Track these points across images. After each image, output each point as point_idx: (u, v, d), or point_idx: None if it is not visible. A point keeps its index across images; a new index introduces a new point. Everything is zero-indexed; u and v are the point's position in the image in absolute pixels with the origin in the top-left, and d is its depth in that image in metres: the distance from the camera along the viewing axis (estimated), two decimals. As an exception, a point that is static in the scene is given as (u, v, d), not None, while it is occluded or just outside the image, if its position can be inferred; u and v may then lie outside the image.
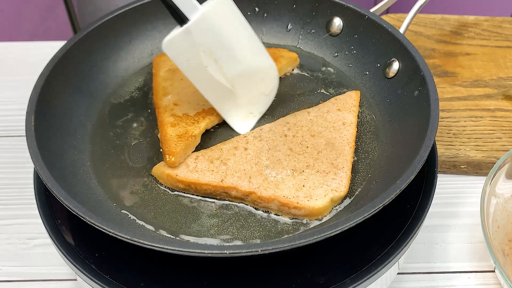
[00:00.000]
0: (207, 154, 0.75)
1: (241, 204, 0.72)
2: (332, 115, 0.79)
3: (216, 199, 0.73)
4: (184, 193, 0.73)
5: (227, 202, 0.72)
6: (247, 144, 0.76)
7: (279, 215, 0.71)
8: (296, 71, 0.88)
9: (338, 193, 0.71)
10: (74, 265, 0.67)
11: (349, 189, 0.73)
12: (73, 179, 0.72)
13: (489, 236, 0.75)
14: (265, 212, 0.71)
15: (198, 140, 0.78)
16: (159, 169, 0.74)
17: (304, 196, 0.70)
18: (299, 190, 0.70)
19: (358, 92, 0.83)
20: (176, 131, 0.77)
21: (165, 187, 0.74)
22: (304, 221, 0.70)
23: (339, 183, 0.71)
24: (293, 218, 0.70)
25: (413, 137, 0.72)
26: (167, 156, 0.74)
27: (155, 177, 0.75)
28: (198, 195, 0.73)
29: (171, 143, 0.75)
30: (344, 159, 0.74)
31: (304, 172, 0.72)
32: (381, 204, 0.62)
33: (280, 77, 0.86)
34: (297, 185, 0.71)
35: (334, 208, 0.71)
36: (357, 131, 0.79)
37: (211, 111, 0.80)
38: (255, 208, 0.72)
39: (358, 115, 0.81)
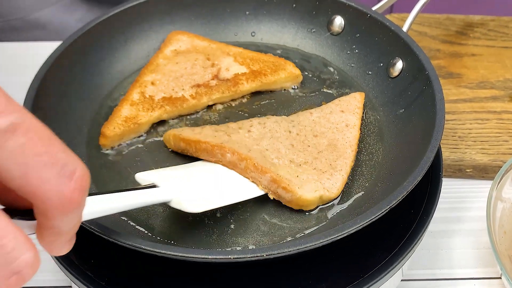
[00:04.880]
0: (213, 127, 0.77)
1: (241, 210, 0.72)
2: (335, 116, 0.80)
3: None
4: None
5: (227, 210, 0.73)
6: (251, 127, 0.77)
7: (281, 221, 0.71)
8: (297, 71, 0.89)
9: (329, 193, 0.72)
10: (69, 272, 0.67)
11: (351, 191, 0.73)
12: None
13: (496, 241, 0.75)
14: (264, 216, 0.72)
15: (144, 129, 0.81)
16: (169, 133, 0.78)
17: (296, 183, 0.71)
18: (292, 177, 0.71)
19: (363, 94, 0.83)
20: (128, 112, 0.81)
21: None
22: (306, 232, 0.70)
23: (333, 185, 0.72)
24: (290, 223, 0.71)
25: (418, 138, 0.72)
26: (101, 134, 0.78)
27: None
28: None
29: (114, 123, 0.79)
30: (344, 162, 0.75)
31: (301, 166, 0.73)
32: (388, 207, 0.62)
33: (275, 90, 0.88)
34: (292, 173, 0.72)
35: (336, 211, 0.72)
36: (360, 132, 0.79)
37: (176, 101, 0.82)
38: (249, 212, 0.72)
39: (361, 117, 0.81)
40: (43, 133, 0.41)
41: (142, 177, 0.68)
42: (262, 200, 0.73)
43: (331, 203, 0.73)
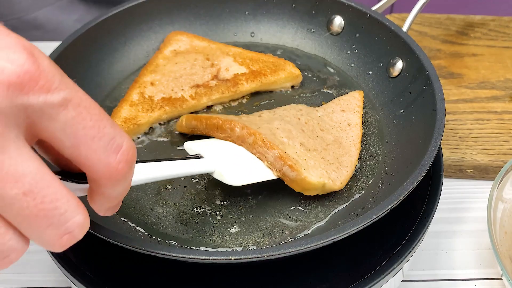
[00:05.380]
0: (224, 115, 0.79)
1: (241, 211, 0.72)
2: (337, 115, 0.80)
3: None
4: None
5: (228, 210, 0.73)
6: (261, 113, 0.78)
7: (281, 222, 0.71)
8: (296, 71, 0.89)
9: (333, 183, 0.72)
10: (68, 272, 0.67)
11: (351, 191, 0.74)
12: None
13: (496, 242, 0.75)
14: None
15: (143, 130, 0.81)
16: (182, 117, 0.80)
17: (302, 164, 0.71)
18: (300, 159, 0.72)
19: (361, 92, 0.83)
20: (127, 112, 0.81)
21: (165, 192, 0.74)
22: (306, 232, 0.71)
23: (338, 177, 0.73)
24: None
25: (419, 138, 0.73)
26: None
27: (153, 183, 0.75)
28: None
29: None
30: (349, 159, 0.75)
31: (310, 151, 0.74)
32: (389, 207, 0.62)
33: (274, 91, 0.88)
34: (300, 155, 0.72)
35: (336, 211, 0.72)
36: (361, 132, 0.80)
37: (175, 101, 0.83)
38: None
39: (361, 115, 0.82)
40: (93, 109, 0.44)
41: (189, 146, 0.73)
42: (262, 201, 0.73)
43: (331, 203, 0.73)
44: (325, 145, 0.76)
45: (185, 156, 0.70)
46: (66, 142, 0.44)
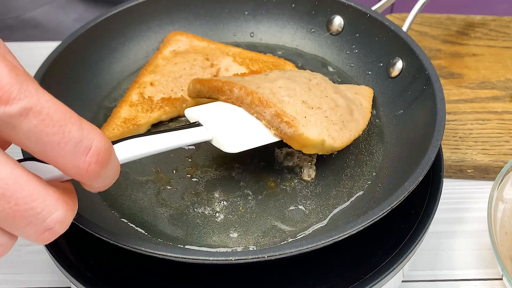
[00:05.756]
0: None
1: (241, 211, 0.73)
2: (349, 95, 0.81)
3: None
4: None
5: (228, 210, 0.73)
6: (270, 72, 0.79)
7: (281, 222, 0.71)
8: (296, 72, 0.89)
9: (333, 142, 0.72)
10: (68, 273, 0.67)
11: (351, 192, 0.74)
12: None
13: (497, 242, 0.75)
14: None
15: (143, 130, 0.81)
16: (189, 83, 0.79)
17: (300, 121, 0.71)
18: (299, 116, 0.72)
19: (371, 90, 0.84)
20: (127, 113, 0.81)
21: (165, 193, 0.75)
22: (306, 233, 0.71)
23: (340, 137, 0.73)
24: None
25: (419, 138, 0.73)
26: None
27: (153, 184, 0.76)
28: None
29: (113, 125, 0.80)
30: (355, 125, 0.76)
31: (312, 109, 0.73)
32: (389, 207, 0.62)
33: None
34: (300, 112, 0.72)
35: (336, 211, 0.72)
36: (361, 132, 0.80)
37: (175, 101, 0.83)
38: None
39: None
40: (57, 115, 0.44)
41: (189, 113, 0.73)
42: (262, 201, 0.73)
43: (331, 203, 0.73)
44: (334, 105, 0.75)
45: (186, 124, 0.70)
46: (34, 148, 0.45)
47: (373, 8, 0.88)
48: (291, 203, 0.73)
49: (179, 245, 0.69)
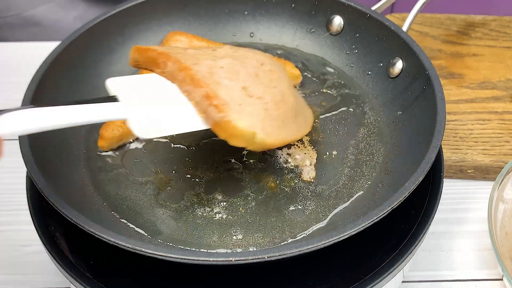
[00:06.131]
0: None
1: (241, 211, 0.73)
2: (300, 100, 0.76)
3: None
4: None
5: (228, 211, 0.73)
6: (221, 48, 0.73)
7: (281, 222, 0.71)
8: (296, 71, 0.89)
9: (265, 137, 0.66)
10: (68, 273, 0.67)
11: (351, 192, 0.74)
12: (69, 186, 0.73)
13: (497, 243, 0.76)
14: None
15: None
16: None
17: (233, 108, 0.65)
18: (233, 103, 0.65)
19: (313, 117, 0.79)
20: None
21: (164, 194, 0.75)
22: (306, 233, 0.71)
23: (274, 134, 0.67)
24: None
25: (419, 138, 0.73)
26: (99, 137, 0.79)
27: (153, 184, 0.76)
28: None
29: (112, 125, 0.79)
30: (295, 131, 0.71)
31: (252, 98, 0.67)
32: (389, 208, 0.62)
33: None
34: (236, 98, 0.66)
35: (336, 212, 0.72)
36: (361, 133, 0.80)
37: None
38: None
39: (361, 116, 0.83)
40: None
41: (111, 83, 0.66)
42: (262, 201, 0.74)
43: (331, 203, 0.73)
44: (279, 99, 0.69)
45: (101, 97, 0.64)
46: None
47: (373, 8, 0.88)
48: (291, 203, 0.73)
49: (179, 246, 0.69)
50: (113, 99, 0.63)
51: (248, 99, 0.67)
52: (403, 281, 0.80)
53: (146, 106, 0.65)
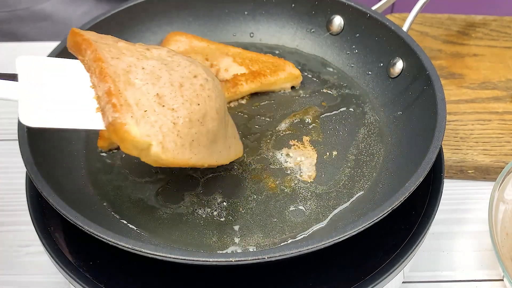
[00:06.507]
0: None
1: (241, 212, 0.73)
2: (230, 129, 0.73)
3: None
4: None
5: (228, 211, 0.73)
6: (158, 49, 0.69)
7: (281, 223, 0.72)
8: (296, 72, 0.89)
9: (161, 152, 0.61)
10: (68, 274, 0.67)
11: (352, 192, 0.74)
12: (69, 187, 0.73)
13: (498, 243, 0.76)
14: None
15: None
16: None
17: (134, 112, 0.60)
18: (138, 108, 0.61)
19: (241, 153, 0.77)
20: None
21: (164, 194, 0.75)
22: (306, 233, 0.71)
23: (173, 151, 0.62)
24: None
25: (420, 138, 0.73)
26: (99, 137, 0.79)
27: (153, 185, 0.76)
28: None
29: None
30: (202, 156, 0.66)
31: (163, 107, 0.63)
32: (390, 208, 0.63)
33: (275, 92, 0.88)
34: (143, 104, 0.62)
35: (336, 212, 0.72)
36: (361, 133, 0.80)
37: None
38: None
39: (361, 116, 0.83)
40: None
41: (20, 62, 0.62)
42: (262, 201, 0.74)
43: (331, 204, 0.73)
44: (196, 118, 0.64)
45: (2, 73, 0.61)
46: None
47: (373, 8, 0.89)
48: (291, 203, 0.74)
49: (179, 246, 0.69)
50: (12, 77, 0.60)
51: (157, 107, 0.62)
52: (403, 282, 0.80)
53: (42, 92, 0.60)
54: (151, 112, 0.61)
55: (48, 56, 0.80)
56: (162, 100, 0.62)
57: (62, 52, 0.80)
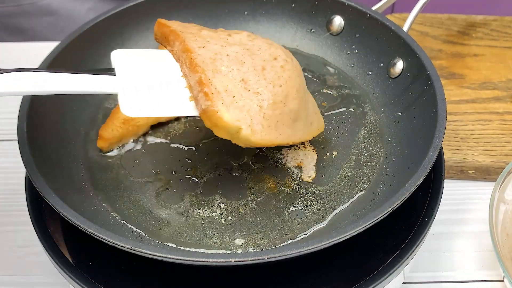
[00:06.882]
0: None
1: (241, 212, 0.73)
2: (311, 106, 0.75)
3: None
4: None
5: (228, 212, 0.73)
6: (238, 34, 0.72)
7: (281, 223, 0.72)
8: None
9: (251, 134, 0.65)
10: (67, 274, 0.68)
11: (352, 192, 0.74)
12: (69, 187, 0.73)
13: (498, 244, 0.76)
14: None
15: (142, 131, 0.81)
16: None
17: (224, 98, 0.64)
18: (227, 94, 0.65)
19: (323, 127, 0.79)
20: None
21: (164, 194, 0.75)
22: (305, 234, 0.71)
23: (261, 133, 0.66)
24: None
25: (420, 138, 0.73)
26: (99, 137, 0.79)
27: (152, 185, 0.76)
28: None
29: (112, 126, 0.80)
30: (288, 136, 0.70)
31: (249, 92, 0.66)
32: (390, 208, 0.63)
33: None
34: (231, 90, 0.65)
35: (336, 212, 0.72)
36: (361, 133, 0.80)
37: None
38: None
39: (362, 116, 0.83)
40: None
41: (115, 55, 0.68)
42: (262, 202, 0.74)
43: (331, 204, 0.73)
44: (280, 100, 0.67)
45: (99, 69, 0.65)
46: None
47: (374, 8, 0.89)
48: (291, 204, 0.74)
49: (179, 247, 0.69)
50: (110, 71, 0.64)
51: (244, 92, 0.66)
52: (403, 282, 0.80)
53: (140, 83, 0.64)
54: (238, 97, 0.65)
55: (47, 56, 0.80)
56: (247, 85, 0.66)
57: (61, 53, 0.81)
